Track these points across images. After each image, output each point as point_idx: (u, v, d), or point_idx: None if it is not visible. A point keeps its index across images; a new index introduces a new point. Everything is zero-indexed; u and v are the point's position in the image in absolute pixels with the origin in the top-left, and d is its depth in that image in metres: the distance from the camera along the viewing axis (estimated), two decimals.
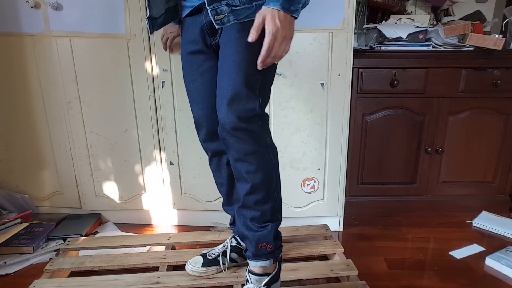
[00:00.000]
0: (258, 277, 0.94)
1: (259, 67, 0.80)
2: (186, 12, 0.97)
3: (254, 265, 0.95)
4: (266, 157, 0.89)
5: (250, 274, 0.95)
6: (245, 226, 0.95)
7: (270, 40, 0.76)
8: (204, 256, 1.13)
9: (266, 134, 0.90)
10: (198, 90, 1.01)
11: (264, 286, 0.93)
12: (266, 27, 0.76)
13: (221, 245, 1.16)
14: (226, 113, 0.83)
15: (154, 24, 1.00)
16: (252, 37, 0.77)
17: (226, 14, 0.84)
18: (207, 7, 0.84)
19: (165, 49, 1.18)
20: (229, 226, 1.19)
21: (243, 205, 0.93)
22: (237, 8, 0.84)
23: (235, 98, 0.82)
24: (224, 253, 1.13)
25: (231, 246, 1.14)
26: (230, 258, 1.13)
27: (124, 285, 1.08)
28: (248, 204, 0.92)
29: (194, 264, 1.12)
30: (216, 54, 0.93)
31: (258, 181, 0.89)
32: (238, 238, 1.14)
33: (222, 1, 0.84)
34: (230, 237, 1.16)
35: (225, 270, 1.12)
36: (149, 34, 1.03)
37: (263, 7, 0.78)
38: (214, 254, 1.13)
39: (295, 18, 0.79)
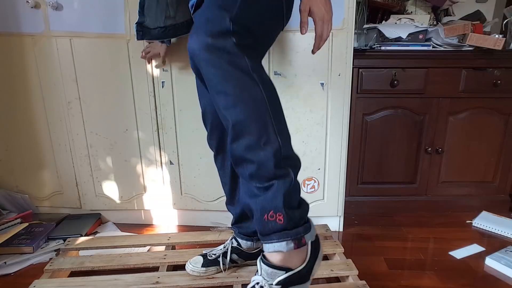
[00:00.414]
0: (271, 270, 0.67)
1: (314, 51, 0.84)
2: (192, 10, 0.97)
3: (267, 249, 0.68)
4: (250, 84, 0.68)
5: (261, 262, 0.69)
6: (248, 192, 0.71)
7: (320, 27, 0.79)
8: (204, 256, 1.13)
9: (248, 58, 0.69)
10: (202, 84, 1.00)
11: (276, 285, 0.66)
12: (315, 15, 0.78)
13: (221, 246, 1.16)
14: (192, 37, 0.69)
15: (145, 32, 1.00)
16: (304, 30, 0.79)
17: None
18: None
19: (144, 58, 1.30)
20: (230, 226, 1.18)
21: (234, 159, 0.70)
22: None
23: (205, 20, 0.70)
24: (224, 254, 1.12)
25: (231, 247, 1.12)
26: (231, 259, 1.12)
27: (124, 285, 1.08)
28: (239, 154, 0.68)
29: (194, 264, 1.11)
30: None
31: (241, 117, 0.66)
32: (239, 239, 1.13)
33: None
34: (231, 238, 1.16)
35: (225, 270, 1.12)
36: (136, 40, 1.03)
37: None
38: (215, 254, 1.12)
39: None
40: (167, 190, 1.57)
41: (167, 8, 0.99)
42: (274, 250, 0.66)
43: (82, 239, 1.38)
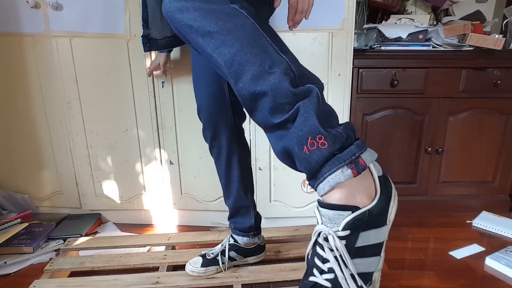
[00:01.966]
0: (333, 212, 0.51)
1: (291, 28, 0.79)
2: None
3: (323, 191, 0.52)
4: (231, 13, 0.57)
5: (318, 209, 0.53)
6: (278, 137, 0.57)
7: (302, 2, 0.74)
8: (203, 256, 1.14)
9: None
10: (197, 78, 1.02)
11: (343, 230, 0.50)
12: None
13: (219, 245, 1.16)
14: None
15: (153, 43, 1.02)
16: (277, 3, 0.74)
17: None
18: None
19: (150, 75, 1.32)
20: (228, 222, 1.19)
21: (245, 102, 0.57)
22: None
23: None
24: (222, 252, 1.13)
25: (229, 244, 1.13)
26: (229, 257, 1.13)
27: (124, 285, 1.08)
28: (248, 92, 0.55)
29: (193, 264, 1.12)
30: None
31: (233, 50, 0.55)
32: (235, 236, 1.14)
33: None
34: (228, 236, 1.17)
35: (224, 269, 1.12)
36: (144, 51, 1.06)
37: None
38: (213, 254, 1.13)
39: None
40: (167, 190, 1.57)
41: None
42: (331, 186, 0.51)
43: (82, 239, 1.37)
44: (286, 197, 1.51)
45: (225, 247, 1.13)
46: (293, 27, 0.80)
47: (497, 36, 1.49)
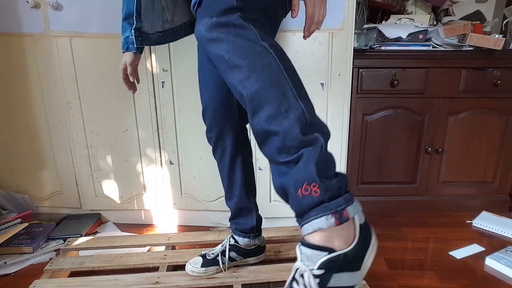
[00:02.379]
0: (311, 252, 0.56)
1: (306, 38, 0.82)
2: (194, 9, 0.97)
3: (306, 231, 0.58)
4: (259, 52, 0.63)
5: (300, 246, 0.58)
6: (279, 173, 0.63)
7: (311, 8, 0.78)
8: (203, 256, 1.14)
9: (256, 29, 0.65)
10: (204, 78, 1.01)
11: (318, 269, 0.55)
12: None
13: (219, 245, 1.16)
14: (198, 21, 0.69)
15: (144, 38, 0.99)
16: (294, 14, 0.77)
17: None
18: None
19: (127, 79, 1.07)
20: (229, 224, 1.19)
21: (257, 135, 0.63)
22: None
23: (208, 6, 0.69)
24: (223, 253, 1.12)
25: (229, 245, 1.13)
26: (229, 257, 1.12)
27: (124, 285, 1.08)
28: (261, 128, 0.61)
29: (193, 264, 1.12)
30: None
31: (257, 87, 0.61)
32: (236, 237, 1.14)
33: None
34: (229, 236, 1.16)
35: (224, 270, 1.12)
36: (135, 45, 1.02)
37: None
38: (213, 254, 1.13)
39: None
40: (167, 190, 1.57)
41: (163, 12, 0.99)
42: (314, 229, 0.56)
43: (82, 239, 1.37)
44: None
45: (225, 248, 1.13)
46: (308, 37, 0.84)
47: (497, 36, 1.49)
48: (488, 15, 1.81)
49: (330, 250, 0.55)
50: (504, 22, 1.66)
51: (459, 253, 1.37)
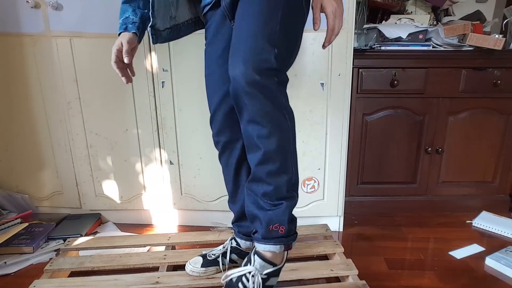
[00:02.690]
0: (263, 263, 0.85)
1: (325, 47, 0.89)
2: (206, 9, 0.97)
3: (263, 248, 0.85)
4: (282, 120, 0.80)
5: (255, 256, 0.85)
6: (255, 204, 0.86)
7: (332, 20, 0.84)
8: (204, 256, 1.14)
9: (282, 95, 0.81)
10: (216, 81, 0.99)
11: (264, 275, 0.84)
12: (326, 10, 0.83)
13: (221, 246, 1.16)
14: (239, 66, 0.76)
15: (158, 35, 0.98)
16: (316, 27, 0.83)
17: None
18: None
19: (119, 64, 1.02)
20: (231, 225, 1.18)
21: (254, 177, 0.84)
22: None
23: (250, 50, 0.76)
24: (224, 254, 1.12)
25: (231, 247, 1.12)
26: (230, 259, 1.12)
27: (124, 285, 1.08)
28: (260, 176, 0.82)
29: (193, 264, 1.12)
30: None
31: (271, 148, 0.79)
32: (238, 239, 1.14)
33: None
34: (230, 238, 1.16)
35: (224, 270, 1.12)
36: (152, 43, 1.02)
37: None
38: (214, 255, 1.12)
39: None
40: (167, 190, 1.57)
41: (169, 8, 0.99)
42: (270, 250, 0.86)
43: (82, 239, 1.38)
44: None
45: (226, 249, 1.12)
46: (327, 47, 0.91)
47: (497, 36, 1.49)
48: (488, 15, 1.81)
49: (274, 265, 0.87)
50: (504, 22, 1.66)
51: (459, 253, 1.37)
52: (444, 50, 1.54)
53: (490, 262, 1.29)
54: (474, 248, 1.41)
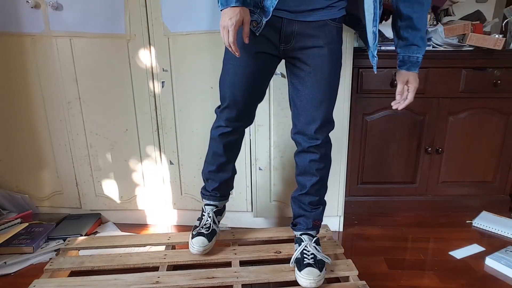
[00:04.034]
0: (310, 238, 1.16)
1: (399, 108, 1.12)
2: (280, 13, 0.97)
3: (311, 231, 1.18)
4: (330, 156, 1.16)
5: (304, 236, 1.16)
6: (301, 208, 1.19)
7: (413, 94, 1.08)
8: (200, 234, 1.19)
9: (330, 138, 1.14)
10: (246, 76, 1.04)
11: (314, 243, 1.15)
12: (412, 85, 1.08)
13: (205, 218, 1.23)
14: (315, 134, 1.07)
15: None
16: (399, 98, 1.12)
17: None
18: (374, 56, 1.10)
19: (247, 41, 0.94)
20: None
21: (307, 192, 1.16)
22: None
23: (325, 122, 1.07)
24: (213, 221, 1.23)
25: (213, 212, 1.24)
26: (214, 221, 1.24)
27: (124, 285, 1.08)
28: (311, 192, 1.16)
29: (200, 244, 1.16)
30: (280, 58, 1.07)
31: (323, 175, 1.15)
32: (216, 202, 1.26)
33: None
34: (204, 205, 1.26)
35: (219, 232, 1.26)
36: (257, 34, 0.98)
37: (405, 71, 1.09)
38: (207, 226, 1.21)
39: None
40: (167, 190, 1.57)
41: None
42: (313, 234, 1.18)
43: (82, 239, 1.38)
44: (286, 197, 1.51)
45: (212, 216, 1.23)
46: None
47: (497, 36, 1.49)
48: (488, 15, 1.81)
49: (314, 237, 1.19)
50: (504, 22, 1.66)
51: (459, 253, 1.37)
52: (444, 50, 1.54)
53: (490, 262, 1.29)
54: (474, 248, 1.41)
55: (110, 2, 1.34)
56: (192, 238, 1.20)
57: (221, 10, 0.90)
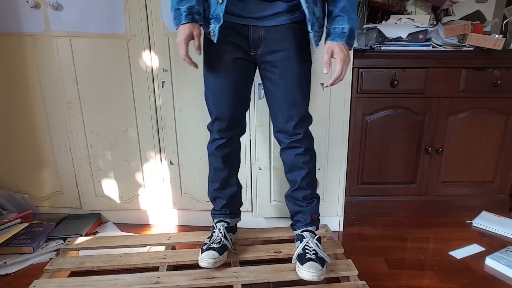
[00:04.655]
0: (312, 235, 1.18)
1: (328, 85, 1.03)
2: (245, 21, 1.03)
3: (311, 227, 1.21)
4: (314, 149, 1.19)
5: (305, 232, 1.18)
6: (296, 205, 1.22)
7: (341, 66, 0.99)
8: (211, 248, 1.14)
9: (310, 131, 1.18)
10: (227, 86, 1.09)
11: (315, 240, 1.16)
12: (337, 56, 0.99)
13: (215, 234, 1.20)
14: (295, 130, 1.11)
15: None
16: (326, 70, 0.99)
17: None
18: (310, 31, 1.00)
19: (199, 54, 1.02)
20: (216, 212, 1.28)
21: (298, 187, 1.19)
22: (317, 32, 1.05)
23: (302, 118, 1.11)
24: (224, 236, 1.20)
25: (225, 228, 1.22)
26: (225, 237, 1.21)
27: (124, 285, 1.08)
28: (302, 186, 1.19)
29: (211, 257, 1.12)
30: (253, 62, 1.10)
31: (311, 167, 1.18)
32: (227, 220, 1.26)
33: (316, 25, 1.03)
34: (216, 222, 1.25)
35: (232, 250, 1.23)
36: (215, 42, 1.01)
37: (330, 42, 1.01)
38: (218, 242, 1.17)
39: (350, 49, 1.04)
40: (167, 190, 1.57)
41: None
42: (313, 230, 1.21)
43: (82, 239, 1.38)
44: None
45: (223, 232, 1.21)
46: (327, 86, 1.14)
47: (497, 36, 1.49)
48: (488, 15, 1.80)
49: (314, 234, 1.21)
50: (504, 22, 1.66)
51: (459, 253, 1.37)
52: (444, 50, 1.54)
53: (490, 262, 1.29)
54: (474, 248, 1.41)
55: (110, 2, 1.34)
56: (201, 253, 1.14)
57: (176, 29, 0.99)
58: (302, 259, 1.09)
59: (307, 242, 1.14)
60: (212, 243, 1.17)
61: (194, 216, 1.60)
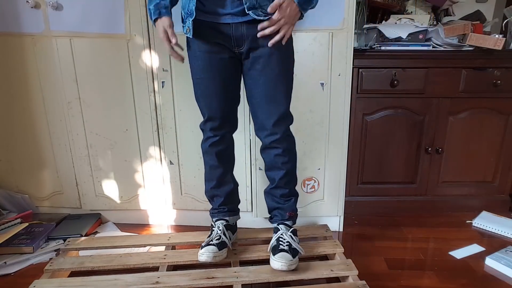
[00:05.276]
0: (287, 228, 1.22)
1: (258, 33, 1.00)
2: (226, 19, 1.03)
3: (288, 222, 1.24)
4: (294, 149, 1.22)
5: (280, 226, 1.22)
6: (274, 201, 1.25)
7: (281, 11, 0.96)
8: (210, 244, 1.15)
9: (291, 131, 1.20)
10: (216, 85, 1.11)
11: (290, 232, 1.19)
12: (283, 4, 0.95)
13: (215, 231, 1.21)
14: (273, 129, 1.12)
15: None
16: (269, 10, 0.95)
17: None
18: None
19: (174, 41, 1.03)
20: (215, 210, 1.30)
21: (276, 186, 1.22)
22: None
23: (282, 116, 1.12)
24: (224, 233, 1.22)
25: (224, 226, 1.24)
26: (225, 234, 1.22)
27: (124, 285, 1.08)
28: (280, 185, 1.21)
29: (210, 251, 1.12)
30: (239, 60, 1.10)
31: (289, 168, 1.20)
32: (226, 217, 1.27)
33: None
34: (215, 220, 1.27)
35: (230, 247, 1.24)
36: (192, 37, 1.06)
37: None
38: (217, 238, 1.18)
39: (301, 15, 1.02)
40: (167, 190, 1.57)
41: None
42: (289, 224, 1.24)
43: (82, 239, 1.38)
44: None
45: (222, 230, 1.22)
46: (260, 33, 1.01)
47: (497, 36, 1.49)
48: (488, 15, 1.80)
49: (290, 227, 1.24)
50: (504, 22, 1.66)
51: (459, 253, 1.37)
52: (444, 50, 1.54)
53: (490, 262, 1.29)
54: (474, 248, 1.41)
55: (110, 2, 1.34)
56: (200, 249, 1.16)
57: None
58: (275, 250, 1.13)
59: (281, 234, 1.18)
60: (211, 240, 1.18)
61: (194, 216, 1.60)
